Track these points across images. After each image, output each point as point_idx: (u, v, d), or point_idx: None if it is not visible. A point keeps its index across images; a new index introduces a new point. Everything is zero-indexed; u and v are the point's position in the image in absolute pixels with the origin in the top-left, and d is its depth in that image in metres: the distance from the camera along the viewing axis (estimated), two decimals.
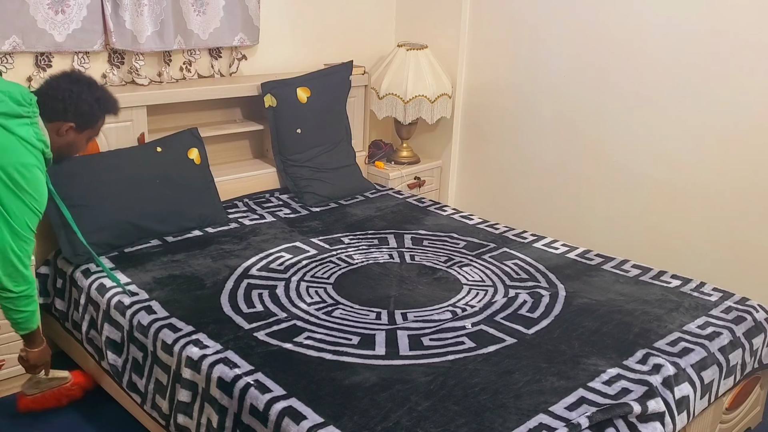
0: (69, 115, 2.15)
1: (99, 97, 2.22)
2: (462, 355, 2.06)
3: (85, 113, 2.18)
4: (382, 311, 2.32)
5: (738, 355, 2.23)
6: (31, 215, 2.07)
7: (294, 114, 3.36)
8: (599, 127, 3.34)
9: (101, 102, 2.23)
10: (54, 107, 2.13)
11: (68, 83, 2.18)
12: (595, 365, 2.02)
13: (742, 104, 2.88)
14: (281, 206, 3.25)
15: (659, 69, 3.08)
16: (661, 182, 3.17)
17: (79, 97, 2.15)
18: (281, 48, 3.59)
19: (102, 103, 2.23)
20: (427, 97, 3.67)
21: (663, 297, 2.46)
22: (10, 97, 2.03)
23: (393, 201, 3.42)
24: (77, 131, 2.19)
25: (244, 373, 1.94)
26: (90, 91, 2.20)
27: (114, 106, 2.29)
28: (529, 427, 1.74)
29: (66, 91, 2.15)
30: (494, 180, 3.83)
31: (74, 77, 2.22)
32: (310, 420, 1.74)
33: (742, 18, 2.81)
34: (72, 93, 2.15)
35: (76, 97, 2.15)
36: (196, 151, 3.01)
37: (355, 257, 2.74)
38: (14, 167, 2.01)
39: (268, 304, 2.35)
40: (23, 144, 2.03)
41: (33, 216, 2.08)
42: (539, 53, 3.50)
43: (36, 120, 2.08)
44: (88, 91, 2.19)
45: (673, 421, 1.93)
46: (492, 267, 2.69)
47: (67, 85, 2.17)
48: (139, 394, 2.26)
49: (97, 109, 2.21)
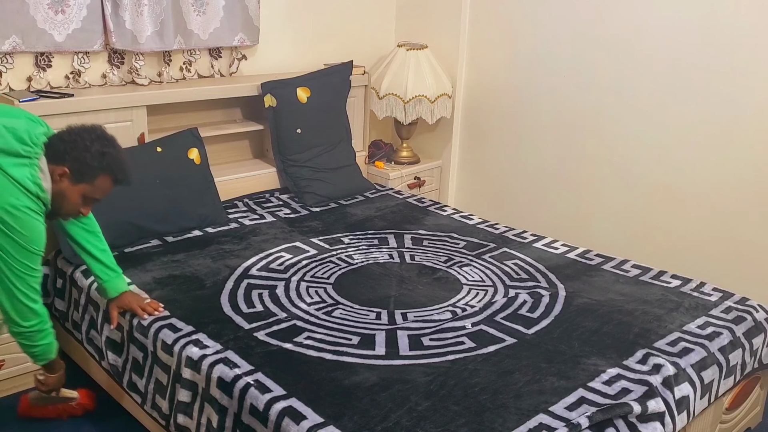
0: (66, 158, 2.01)
1: (106, 153, 2.05)
2: (462, 355, 2.06)
3: (82, 162, 2.02)
4: (382, 311, 2.32)
5: (738, 355, 2.23)
6: (28, 255, 1.97)
7: (294, 114, 3.36)
8: (599, 127, 3.34)
9: (105, 158, 2.04)
10: (56, 147, 2.02)
11: (83, 130, 2.07)
12: (595, 365, 2.02)
13: (742, 104, 2.88)
14: (281, 206, 3.25)
15: (659, 69, 3.08)
16: (661, 182, 3.17)
17: (83, 143, 2.02)
18: (281, 48, 3.59)
19: (106, 159, 2.05)
20: (427, 97, 3.67)
21: (663, 297, 2.46)
22: (13, 134, 1.93)
23: (393, 201, 3.42)
24: (71, 181, 2.03)
25: (244, 373, 1.94)
26: (100, 143, 2.05)
27: (119, 170, 2.09)
28: (529, 427, 1.74)
29: (75, 134, 2.05)
30: (494, 180, 3.83)
31: (94, 129, 2.10)
32: (310, 420, 1.74)
33: (743, 18, 2.81)
34: (79, 138, 2.04)
35: (80, 142, 2.02)
36: (196, 151, 3.01)
37: (355, 257, 2.74)
38: (4, 208, 1.90)
39: (268, 304, 2.35)
40: (15, 185, 1.91)
41: (31, 255, 1.97)
42: (539, 53, 3.50)
43: (36, 161, 1.96)
44: (98, 143, 2.04)
45: (673, 421, 1.93)
46: (492, 267, 2.69)
47: (80, 131, 2.06)
48: (139, 394, 2.26)
49: (97, 162, 2.03)
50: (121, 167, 2.09)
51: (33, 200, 1.95)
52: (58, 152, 2.01)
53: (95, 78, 3.01)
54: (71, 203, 2.07)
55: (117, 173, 2.09)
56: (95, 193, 2.09)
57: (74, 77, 2.94)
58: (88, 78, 2.98)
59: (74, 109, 2.73)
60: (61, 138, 2.04)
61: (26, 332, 2.08)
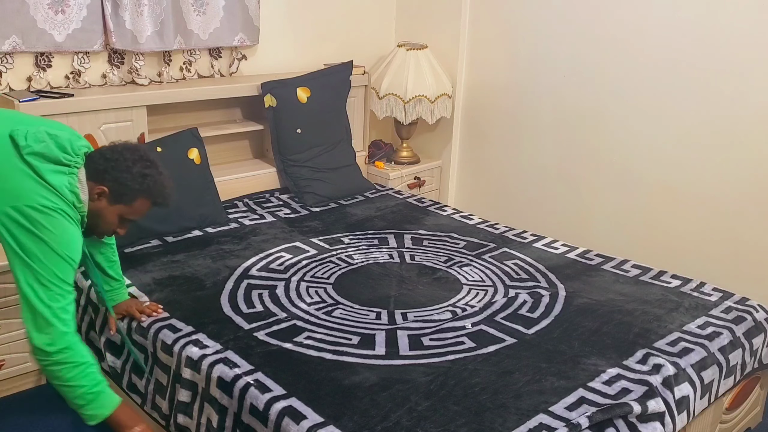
0: (106, 177, 1.93)
1: (147, 175, 1.97)
2: (462, 355, 2.06)
3: (123, 182, 1.94)
4: (382, 311, 2.32)
5: (738, 355, 2.23)
6: (60, 262, 1.80)
7: (294, 114, 3.36)
8: (599, 127, 3.34)
9: (146, 180, 1.97)
10: (97, 164, 1.94)
11: (126, 149, 2.00)
12: (595, 365, 2.02)
13: (742, 104, 2.88)
14: (281, 206, 3.25)
15: (659, 69, 3.08)
16: (661, 182, 3.17)
17: (125, 163, 1.95)
18: (281, 48, 3.59)
19: (147, 182, 1.97)
20: (427, 97, 3.67)
21: (663, 297, 2.46)
22: (55, 142, 1.86)
23: (393, 201, 3.42)
24: (109, 201, 1.95)
25: (244, 372, 1.94)
26: (142, 165, 1.97)
27: (159, 194, 2.01)
28: (529, 427, 1.74)
29: (117, 153, 1.97)
30: (494, 180, 3.83)
31: (137, 149, 2.03)
32: (310, 420, 1.74)
33: (742, 18, 2.81)
34: (121, 157, 1.96)
35: (122, 162, 1.95)
36: (196, 151, 3.01)
37: (355, 257, 2.74)
38: (33, 207, 1.78)
39: (268, 304, 2.35)
40: (49, 189, 1.81)
41: (63, 264, 1.80)
42: (539, 53, 3.50)
43: (76, 171, 1.89)
44: (140, 164, 1.97)
45: (673, 421, 1.93)
46: (492, 267, 2.69)
47: (123, 150, 1.99)
48: (139, 395, 2.26)
49: (138, 184, 1.96)
50: (161, 191, 2.02)
51: (68, 206, 1.85)
52: (99, 170, 1.94)
53: (95, 78, 3.01)
54: (107, 222, 2.00)
55: (157, 197, 2.02)
56: (132, 215, 2.02)
57: (74, 77, 2.94)
58: (88, 78, 2.98)
59: (74, 109, 2.73)
60: (102, 155, 1.96)
61: (53, 362, 1.80)
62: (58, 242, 1.80)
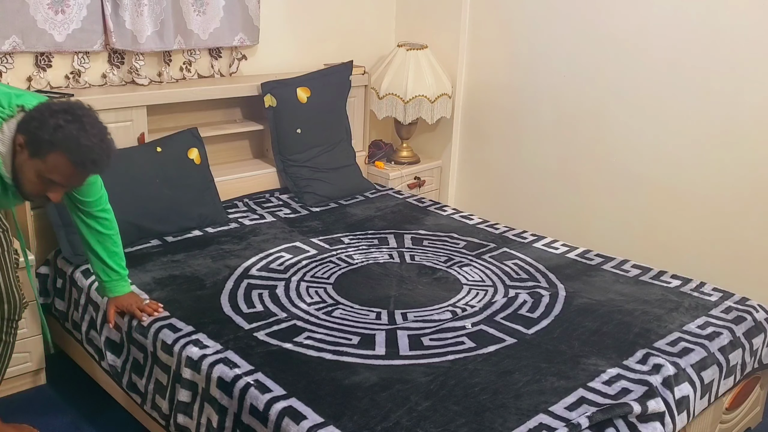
0: (22, 126, 1.85)
1: (60, 126, 1.81)
2: (462, 355, 2.06)
3: (34, 132, 1.82)
4: (382, 311, 2.32)
5: (738, 355, 2.23)
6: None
7: (294, 114, 3.36)
8: (599, 127, 3.34)
9: (58, 132, 1.81)
10: (23, 116, 1.87)
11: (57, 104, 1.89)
12: (595, 365, 2.02)
13: (742, 104, 2.88)
14: (281, 206, 3.25)
15: (659, 69, 3.08)
16: (661, 182, 3.17)
17: (41, 113, 1.84)
18: (281, 48, 3.59)
19: (58, 133, 1.81)
20: (427, 97, 3.67)
21: (663, 297, 2.46)
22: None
23: (393, 201, 3.42)
24: (28, 153, 1.85)
25: (244, 373, 1.94)
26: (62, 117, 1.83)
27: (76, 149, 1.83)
28: (529, 427, 1.74)
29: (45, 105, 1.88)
30: (494, 180, 3.83)
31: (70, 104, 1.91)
32: (310, 420, 1.74)
33: (742, 18, 2.81)
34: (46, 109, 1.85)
35: (43, 112, 1.84)
36: (196, 151, 3.01)
37: (355, 257, 2.74)
38: None
39: (268, 304, 2.35)
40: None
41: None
42: (539, 53, 3.50)
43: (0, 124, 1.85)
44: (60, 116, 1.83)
45: (673, 421, 1.93)
46: (492, 267, 2.69)
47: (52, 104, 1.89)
48: (139, 395, 2.26)
49: (49, 134, 1.81)
50: (79, 146, 1.82)
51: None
52: (21, 121, 1.86)
53: (95, 78, 3.01)
54: (28, 180, 1.88)
55: (72, 152, 1.82)
56: (50, 173, 1.86)
57: (74, 77, 2.94)
58: (88, 78, 2.98)
59: None
60: (31, 108, 1.88)
61: None
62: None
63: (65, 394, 2.66)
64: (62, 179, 1.88)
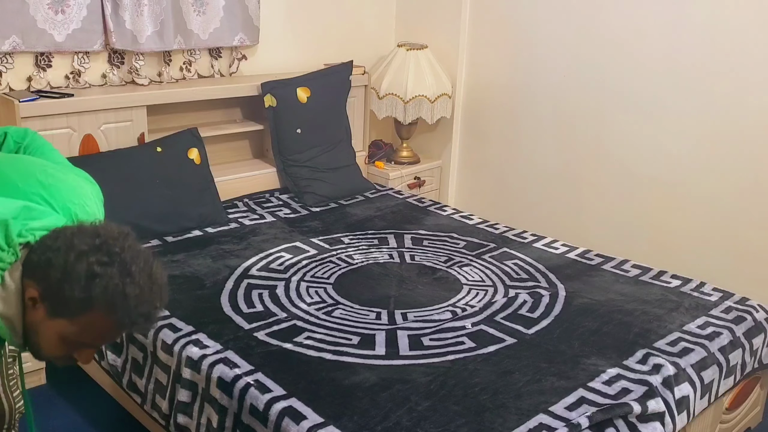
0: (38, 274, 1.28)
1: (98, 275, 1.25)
2: (462, 355, 2.06)
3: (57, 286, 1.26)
4: (382, 311, 2.32)
5: (738, 355, 2.23)
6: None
7: (294, 114, 3.36)
8: (599, 127, 3.34)
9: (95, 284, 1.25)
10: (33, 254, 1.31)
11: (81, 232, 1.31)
12: (595, 365, 2.02)
13: (742, 104, 2.88)
14: (281, 206, 3.25)
15: (659, 69, 3.08)
16: (661, 182, 3.17)
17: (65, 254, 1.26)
18: (281, 48, 3.59)
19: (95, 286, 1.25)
20: (427, 97, 3.67)
21: (663, 297, 2.46)
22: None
23: (393, 201, 3.42)
24: (47, 313, 1.29)
25: (244, 373, 1.93)
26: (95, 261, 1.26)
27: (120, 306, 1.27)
28: (529, 427, 1.74)
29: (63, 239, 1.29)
30: (494, 180, 3.83)
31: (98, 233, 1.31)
32: (310, 420, 1.74)
33: (742, 18, 2.81)
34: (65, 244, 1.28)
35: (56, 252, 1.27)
36: (196, 151, 3.01)
37: (355, 257, 2.74)
38: None
39: (268, 304, 2.35)
40: None
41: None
42: (539, 53, 3.50)
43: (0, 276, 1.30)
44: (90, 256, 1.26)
45: (673, 421, 1.93)
46: (492, 267, 2.69)
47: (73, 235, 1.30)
48: (139, 394, 2.26)
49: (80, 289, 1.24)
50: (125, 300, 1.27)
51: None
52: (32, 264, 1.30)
53: (95, 78, 3.01)
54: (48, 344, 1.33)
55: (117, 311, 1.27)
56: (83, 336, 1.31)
57: (74, 77, 2.94)
58: (88, 78, 2.97)
59: (74, 109, 2.73)
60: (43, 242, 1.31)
61: None
62: None
63: (65, 394, 2.66)
64: (98, 340, 1.36)
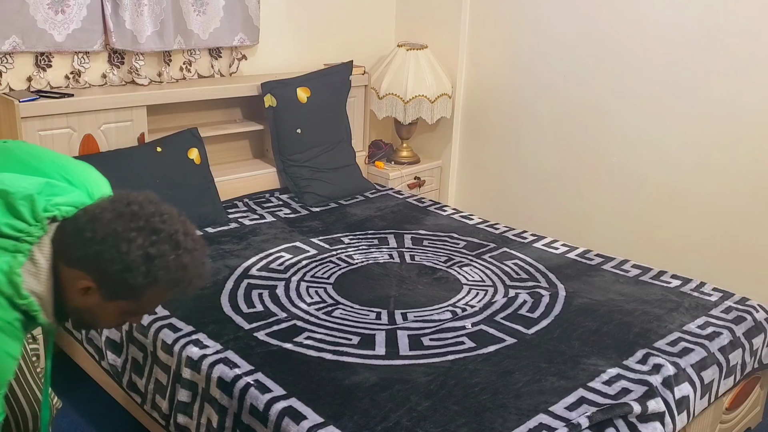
0: (89, 267, 1.29)
1: (154, 257, 1.28)
2: (462, 355, 2.06)
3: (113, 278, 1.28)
4: (382, 311, 2.32)
5: (738, 355, 2.23)
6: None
7: (294, 114, 3.36)
8: (599, 127, 3.34)
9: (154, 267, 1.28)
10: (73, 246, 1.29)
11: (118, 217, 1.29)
12: (595, 365, 2.02)
13: (742, 104, 2.88)
14: (281, 206, 3.25)
15: (659, 69, 3.08)
16: (661, 182, 3.17)
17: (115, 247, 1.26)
18: (281, 48, 3.59)
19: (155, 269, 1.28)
20: (427, 97, 3.67)
21: (663, 297, 2.46)
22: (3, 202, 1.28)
23: (393, 201, 3.42)
24: (102, 297, 1.32)
25: (244, 373, 1.94)
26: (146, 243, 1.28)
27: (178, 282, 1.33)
28: (529, 427, 1.74)
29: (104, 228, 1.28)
30: (494, 180, 3.83)
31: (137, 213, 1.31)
32: (310, 420, 1.74)
33: (742, 18, 2.81)
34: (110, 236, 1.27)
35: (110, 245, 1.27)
36: (196, 151, 3.01)
37: (355, 257, 2.74)
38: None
39: (268, 304, 2.35)
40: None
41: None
42: (539, 53, 3.50)
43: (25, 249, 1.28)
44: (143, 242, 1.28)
45: (673, 421, 1.93)
46: (492, 267, 2.69)
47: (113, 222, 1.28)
48: (139, 394, 2.26)
49: (141, 275, 1.28)
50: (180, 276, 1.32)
51: None
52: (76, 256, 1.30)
53: (95, 78, 3.01)
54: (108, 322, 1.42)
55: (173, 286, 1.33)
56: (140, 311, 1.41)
57: (74, 77, 2.94)
58: (88, 78, 2.97)
59: (74, 109, 2.73)
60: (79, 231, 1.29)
61: None
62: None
63: (65, 394, 2.66)
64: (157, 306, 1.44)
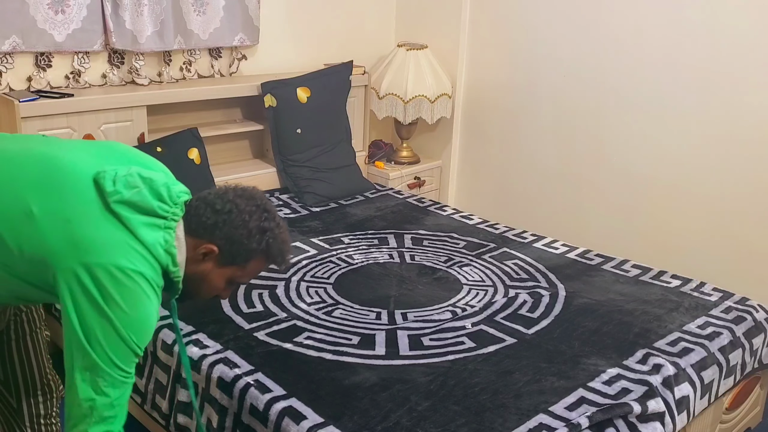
0: (216, 233, 1.55)
1: (266, 229, 1.59)
2: (462, 355, 2.06)
3: (236, 240, 1.56)
4: (382, 311, 2.32)
5: (738, 355, 2.23)
6: (121, 347, 1.43)
7: (294, 114, 3.36)
8: (599, 127, 3.34)
9: (266, 237, 1.58)
10: (202, 217, 1.57)
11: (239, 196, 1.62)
12: (595, 365, 2.02)
13: (742, 104, 2.88)
14: (281, 206, 3.25)
15: (659, 69, 3.08)
16: (661, 182, 3.17)
17: (240, 216, 1.57)
18: (281, 48, 3.59)
19: (266, 238, 1.58)
20: (427, 97, 3.67)
21: (663, 297, 2.46)
22: (150, 188, 1.50)
23: (393, 201, 3.42)
24: (218, 263, 1.59)
25: (244, 373, 1.94)
26: (259, 217, 1.59)
27: (279, 253, 1.62)
28: (529, 427, 1.74)
29: (229, 202, 1.59)
30: (494, 180, 3.83)
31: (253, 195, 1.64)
32: (310, 420, 1.74)
33: (743, 18, 2.81)
34: (235, 208, 1.58)
35: (236, 214, 1.57)
36: (196, 151, 3.01)
37: (355, 257, 2.74)
38: (106, 269, 1.39)
39: (268, 304, 2.35)
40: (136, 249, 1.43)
41: (125, 350, 1.43)
42: (539, 53, 3.50)
43: (173, 226, 1.52)
44: (257, 215, 1.59)
45: (673, 421, 1.93)
46: (492, 267, 2.69)
47: (234, 198, 1.61)
48: (139, 394, 2.26)
49: (255, 242, 1.57)
50: (281, 249, 1.63)
51: (155, 272, 1.47)
52: (206, 224, 1.56)
53: (95, 78, 3.01)
54: (213, 287, 1.64)
55: (276, 256, 1.63)
56: (244, 278, 1.65)
57: (74, 77, 2.94)
58: (88, 78, 2.97)
59: (74, 109, 2.73)
60: (209, 205, 1.58)
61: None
62: (126, 323, 1.42)
63: None
64: (253, 277, 1.69)
